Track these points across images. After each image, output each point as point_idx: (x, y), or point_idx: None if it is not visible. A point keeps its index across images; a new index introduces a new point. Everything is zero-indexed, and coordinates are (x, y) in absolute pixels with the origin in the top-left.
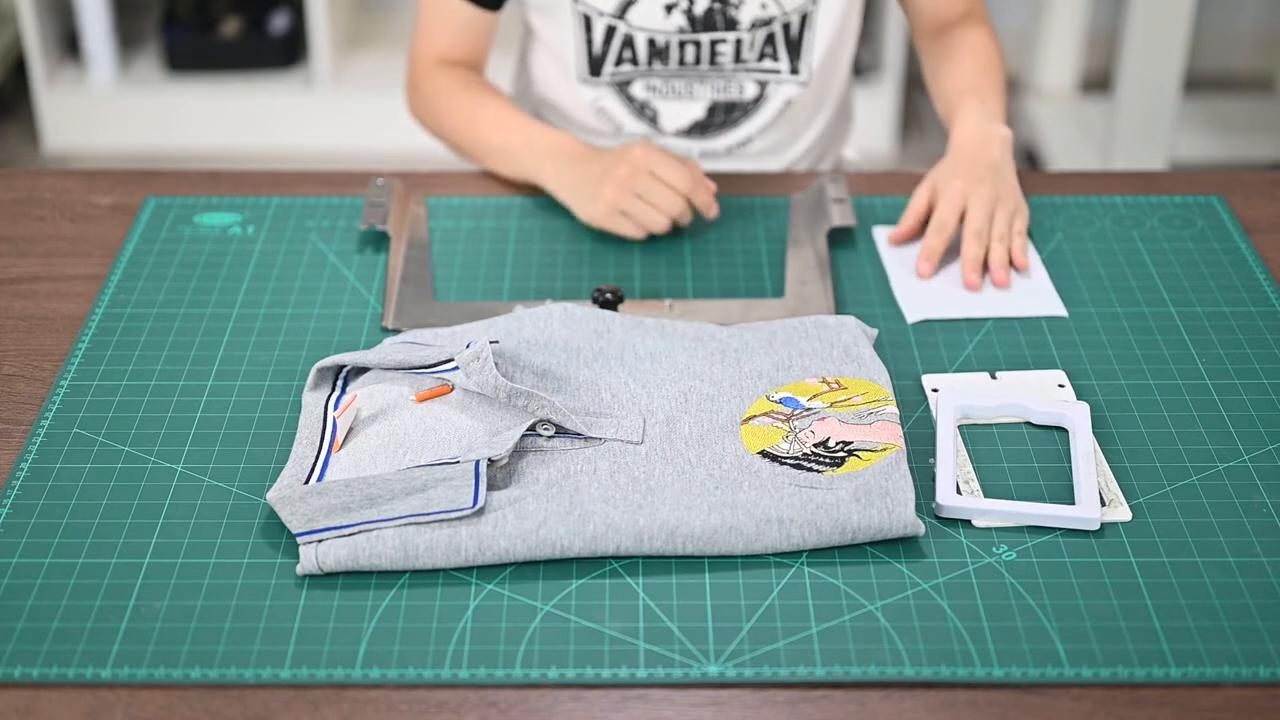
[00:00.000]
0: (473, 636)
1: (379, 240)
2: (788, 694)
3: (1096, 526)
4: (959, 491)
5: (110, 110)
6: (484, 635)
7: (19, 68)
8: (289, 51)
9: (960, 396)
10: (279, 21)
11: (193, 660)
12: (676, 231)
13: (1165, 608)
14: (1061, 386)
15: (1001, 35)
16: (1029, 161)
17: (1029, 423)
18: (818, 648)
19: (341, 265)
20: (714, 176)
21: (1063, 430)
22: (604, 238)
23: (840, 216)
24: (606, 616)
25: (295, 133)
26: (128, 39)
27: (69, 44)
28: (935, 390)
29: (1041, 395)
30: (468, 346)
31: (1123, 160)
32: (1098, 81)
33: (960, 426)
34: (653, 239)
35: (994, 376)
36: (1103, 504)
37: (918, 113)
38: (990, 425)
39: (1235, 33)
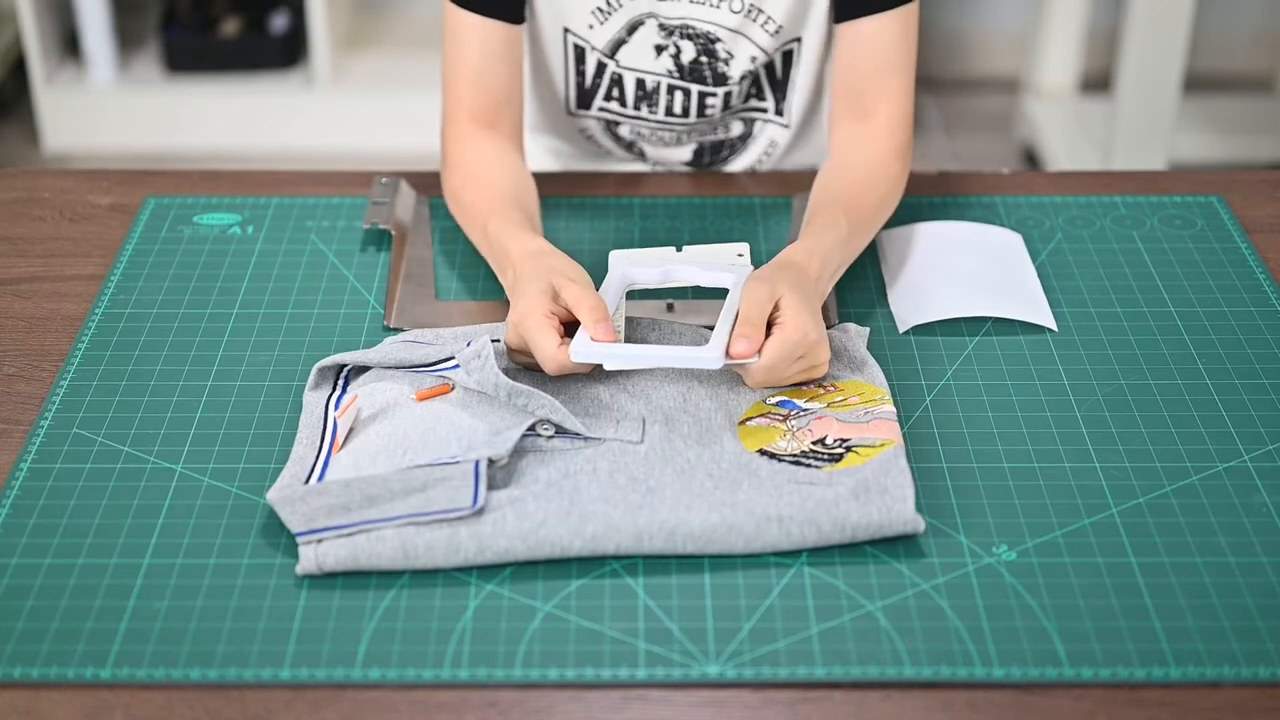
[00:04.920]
0: (473, 636)
1: (379, 240)
2: (788, 694)
3: (718, 366)
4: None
5: (110, 110)
6: (484, 635)
7: (19, 68)
8: (289, 51)
9: (627, 265)
10: (279, 21)
11: (193, 660)
12: (677, 232)
13: (1165, 608)
14: (740, 256)
15: (1001, 35)
16: (1029, 161)
17: (698, 286)
18: (818, 648)
19: (341, 265)
20: (715, 177)
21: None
22: (604, 238)
23: None
24: (606, 616)
25: (295, 133)
26: (127, 39)
27: (69, 44)
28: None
29: (716, 262)
30: (468, 345)
31: (1123, 160)
32: (1098, 81)
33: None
34: (654, 240)
35: (679, 249)
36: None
37: (918, 112)
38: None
39: (1235, 33)
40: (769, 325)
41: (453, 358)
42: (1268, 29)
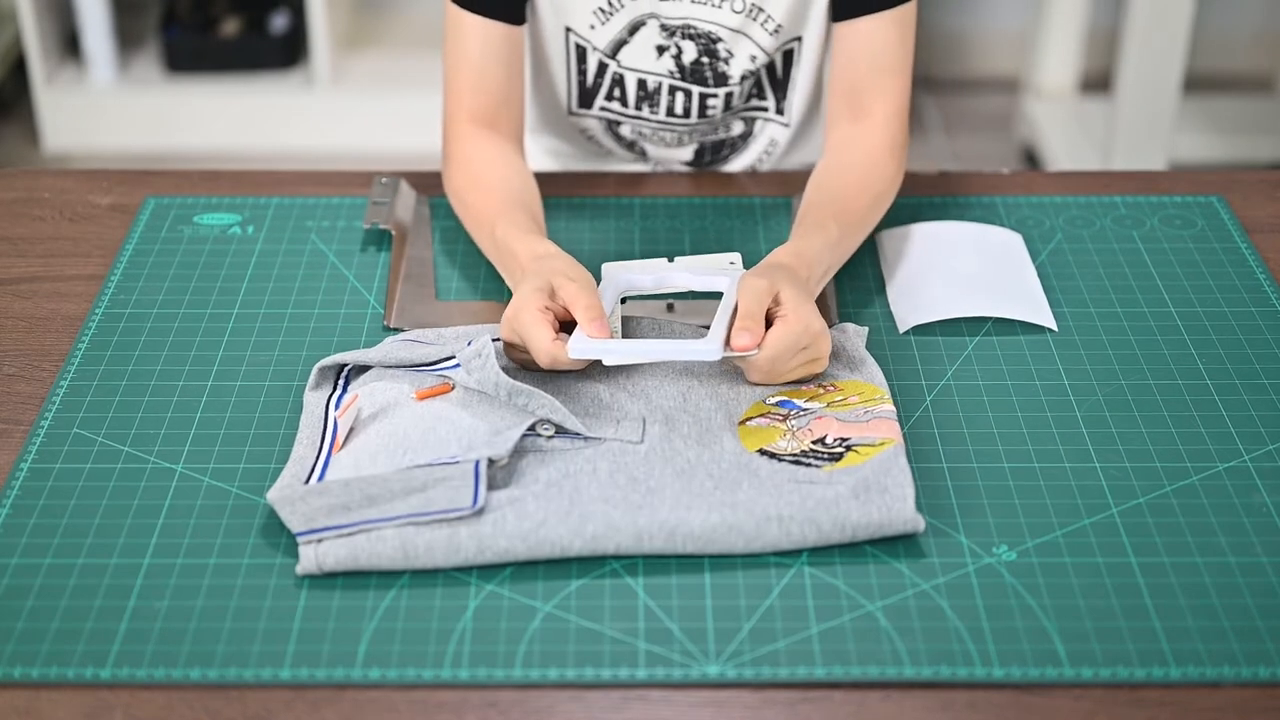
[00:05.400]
0: (473, 636)
1: (379, 240)
2: (788, 694)
3: (717, 358)
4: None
5: (110, 110)
6: (484, 635)
7: (19, 68)
8: (289, 51)
9: (622, 272)
10: (279, 21)
11: (193, 660)
12: (677, 232)
13: (1165, 608)
14: (732, 264)
15: (1001, 35)
16: (1029, 161)
17: (692, 290)
18: (818, 648)
19: (341, 265)
20: (715, 177)
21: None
22: (604, 238)
23: None
24: (606, 616)
25: (295, 133)
26: (128, 39)
27: (69, 44)
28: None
29: (708, 268)
30: (469, 344)
31: (1123, 160)
32: (1098, 81)
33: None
34: (654, 240)
35: (671, 259)
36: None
37: (918, 111)
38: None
39: (1235, 33)
40: (769, 320)
41: (453, 357)
42: (1268, 29)
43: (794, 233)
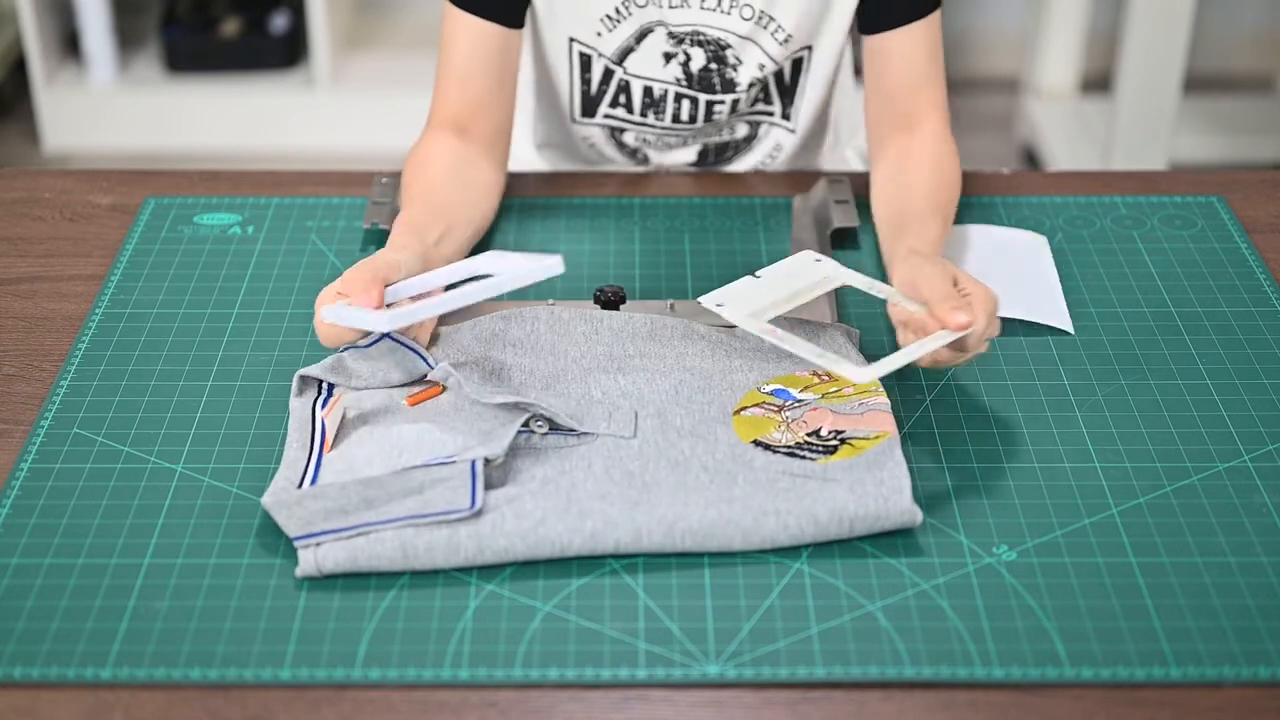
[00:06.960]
0: (473, 636)
1: (379, 240)
2: (788, 694)
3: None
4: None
5: (110, 110)
6: (484, 635)
7: (19, 68)
8: (289, 51)
9: (745, 304)
10: (279, 21)
11: (192, 660)
12: (678, 232)
13: (1165, 608)
14: (818, 261)
15: (1001, 35)
16: (1029, 161)
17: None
18: (818, 648)
19: (341, 265)
20: (717, 177)
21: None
22: (604, 238)
23: (842, 218)
24: (606, 616)
25: (295, 133)
26: (127, 39)
27: (69, 44)
28: (720, 305)
29: (805, 275)
30: (434, 366)
31: (1123, 160)
32: (1098, 81)
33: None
34: (655, 240)
35: (756, 275)
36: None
37: None
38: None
39: (1235, 33)
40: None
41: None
42: (1268, 29)
43: (907, 230)
